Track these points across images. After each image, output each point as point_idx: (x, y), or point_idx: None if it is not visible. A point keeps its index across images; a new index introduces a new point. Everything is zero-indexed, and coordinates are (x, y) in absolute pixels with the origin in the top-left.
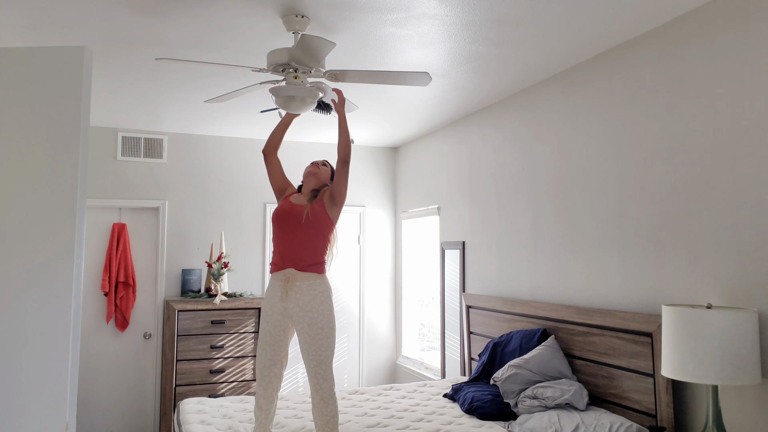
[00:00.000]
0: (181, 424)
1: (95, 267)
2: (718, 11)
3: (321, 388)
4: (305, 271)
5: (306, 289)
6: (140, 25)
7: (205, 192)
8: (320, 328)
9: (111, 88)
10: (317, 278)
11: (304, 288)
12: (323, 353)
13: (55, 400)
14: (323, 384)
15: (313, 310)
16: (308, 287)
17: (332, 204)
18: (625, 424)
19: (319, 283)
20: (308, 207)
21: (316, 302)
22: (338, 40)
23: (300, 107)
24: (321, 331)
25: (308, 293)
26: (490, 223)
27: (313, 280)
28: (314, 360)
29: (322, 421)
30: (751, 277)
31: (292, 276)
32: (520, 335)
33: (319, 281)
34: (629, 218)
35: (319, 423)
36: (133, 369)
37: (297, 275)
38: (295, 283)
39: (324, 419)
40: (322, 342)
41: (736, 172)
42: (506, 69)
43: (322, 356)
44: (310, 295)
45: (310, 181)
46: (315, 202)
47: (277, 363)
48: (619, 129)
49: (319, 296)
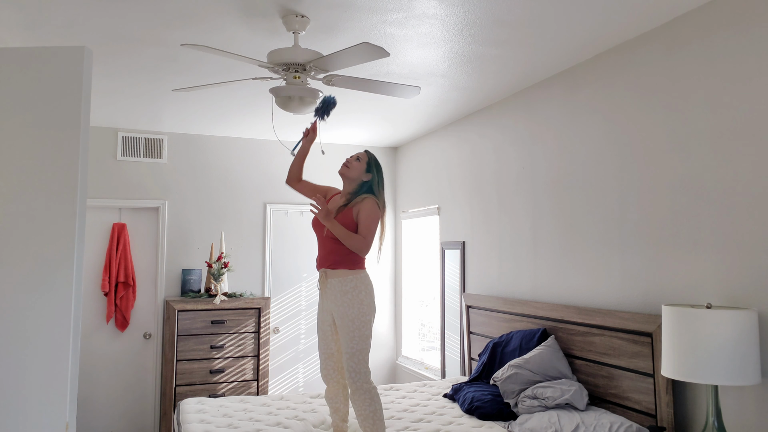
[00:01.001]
0: (181, 424)
1: (95, 267)
2: (718, 11)
3: (354, 381)
4: (336, 268)
5: (338, 285)
6: (140, 25)
7: (205, 192)
8: (351, 321)
9: (111, 88)
10: (349, 274)
11: (336, 284)
12: (355, 346)
13: (55, 400)
14: (356, 377)
15: (344, 304)
16: (339, 283)
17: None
18: (625, 424)
19: (351, 279)
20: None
21: (348, 297)
22: (338, 40)
23: (299, 107)
24: (352, 323)
25: (339, 289)
26: (490, 223)
27: (344, 277)
28: (347, 353)
29: (362, 415)
30: (751, 277)
31: (325, 274)
32: (520, 335)
33: (351, 277)
34: (629, 218)
35: (358, 417)
36: (133, 369)
37: (329, 273)
38: (327, 281)
39: (362, 412)
40: (353, 334)
41: (736, 172)
42: (506, 69)
43: (354, 349)
44: (342, 290)
45: (345, 183)
46: (344, 211)
47: (331, 357)
48: (619, 129)
49: (350, 291)
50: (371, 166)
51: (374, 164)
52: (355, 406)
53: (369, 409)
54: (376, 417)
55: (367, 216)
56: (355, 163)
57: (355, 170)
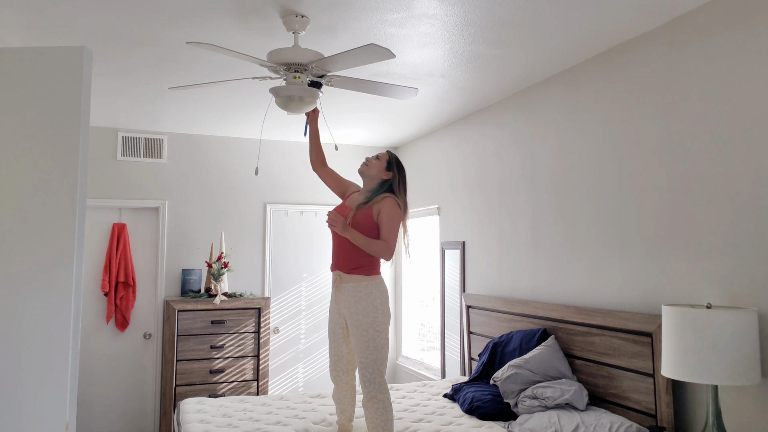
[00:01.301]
0: (181, 424)
1: (95, 267)
2: (718, 11)
3: (368, 390)
4: (351, 274)
5: (352, 290)
6: (140, 25)
7: (205, 192)
8: (365, 330)
9: (111, 88)
10: (364, 280)
11: (350, 289)
12: (370, 356)
13: (55, 400)
14: (370, 387)
15: (358, 312)
16: (354, 288)
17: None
18: (625, 424)
19: (365, 285)
20: (352, 214)
21: (361, 304)
22: (338, 40)
23: (299, 107)
24: (366, 333)
25: (353, 294)
26: (490, 223)
27: (358, 282)
28: (361, 362)
29: (372, 424)
30: (751, 277)
31: (340, 277)
32: (520, 335)
33: (365, 283)
34: (629, 218)
35: (369, 425)
36: (133, 369)
37: (344, 277)
38: (342, 285)
39: (373, 421)
40: (368, 344)
41: (736, 172)
42: (506, 69)
43: (369, 359)
44: (355, 296)
45: (364, 181)
46: (363, 209)
47: (341, 359)
48: (619, 129)
49: (364, 298)
50: (392, 165)
51: (395, 163)
52: (368, 412)
53: (381, 419)
54: (386, 428)
55: (389, 218)
56: (374, 161)
57: (374, 168)
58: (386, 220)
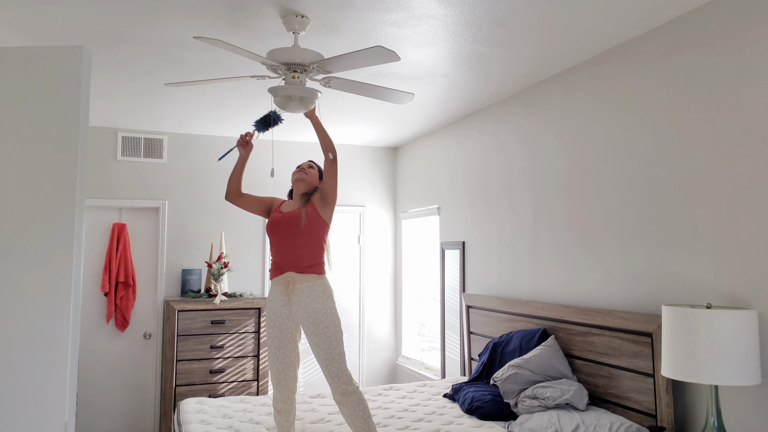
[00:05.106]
0: (181, 424)
1: (95, 267)
2: (718, 11)
3: (338, 385)
4: (305, 273)
5: (307, 290)
6: (139, 25)
7: (205, 192)
8: (326, 327)
9: (111, 88)
10: (317, 279)
11: (305, 290)
12: (333, 351)
13: (54, 401)
14: (339, 380)
15: (316, 311)
16: (309, 288)
17: (324, 205)
18: (625, 424)
19: (320, 284)
20: (303, 211)
21: (318, 303)
22: (338, 40)
23: (298, 107)
24: (327, 329)
25: (309, 294)
26: (490, 223)
27: (313, 281)
28: (326, 359)
29: (352, 416)
30: (751, 277)
31: (293, 279)
32: (520, 335)
33: (319, 282)
34: (629, 218)
35: (348, 418)
36: (133, 369)
37: (297, 278)
38: (296, 286)
39: (352, 413)
40: (330, 340)
41: (736, 172)
42: (506, 69)
43: (333, 354)
44: (312, 296)
45: (300, 187)
46: (308, 206)
47: (290, 366)
48: (619, 129)
49: (320, 296)
50: (321, 175)
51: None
52: (345, 409)
53: (358, 409)
54: (365, 415)
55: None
56: (310, 170)
57: (311, 176)
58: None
